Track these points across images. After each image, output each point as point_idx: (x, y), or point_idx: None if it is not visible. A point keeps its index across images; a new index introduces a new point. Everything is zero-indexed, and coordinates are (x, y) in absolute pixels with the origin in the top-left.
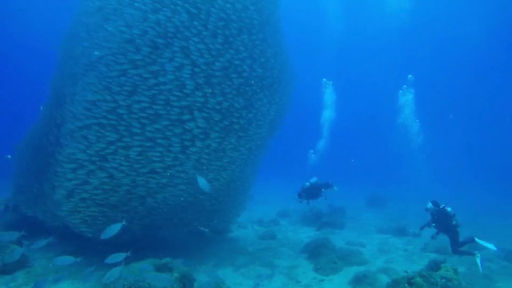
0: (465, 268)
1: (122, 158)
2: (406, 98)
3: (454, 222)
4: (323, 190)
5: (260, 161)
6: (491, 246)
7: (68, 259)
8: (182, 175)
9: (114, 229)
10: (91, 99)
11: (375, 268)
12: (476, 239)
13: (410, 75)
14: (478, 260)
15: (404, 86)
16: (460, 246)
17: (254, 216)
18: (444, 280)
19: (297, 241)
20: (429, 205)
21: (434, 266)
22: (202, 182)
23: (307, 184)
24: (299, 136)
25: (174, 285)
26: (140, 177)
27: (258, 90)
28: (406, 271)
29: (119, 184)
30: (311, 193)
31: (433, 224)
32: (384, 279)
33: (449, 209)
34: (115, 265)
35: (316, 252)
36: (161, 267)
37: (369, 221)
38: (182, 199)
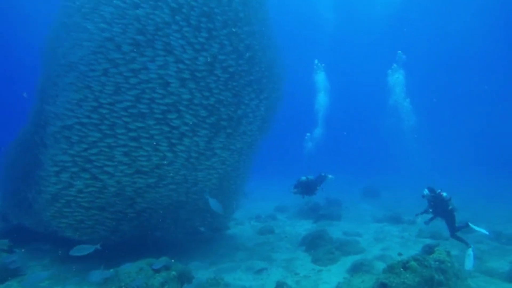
0: (458, 251)
1: (108, 159)
2: (396, 77)
3: (450, 207)
4: (318, 187)
5: (253, 159)
6: (483, 231)
7: (42, 275)
8: (171, 175)
9: (84, 250)
10: (73, 98)
11: (372, 256)
12: (470, 224)
13: (399, 51)
14: (471, 253)
15: (394, 65)
16: (456, 231)
17: (251, 212)
18: (437, 262)
19: (295, 234)
20: (425, 191)
21: (428, 250)
22: (213, 204)
23: (303, 178)
24: (295, 134)
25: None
26: (126, 177)
27: (246, 85)
28: (400, 254)
29: (104, 185)
30: (306, 188)
31: (430, 210)
32: (381, 265)
33: (444, 194)
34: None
35: (314, 244)
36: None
37: (365, 211)
38: (174, 199)
